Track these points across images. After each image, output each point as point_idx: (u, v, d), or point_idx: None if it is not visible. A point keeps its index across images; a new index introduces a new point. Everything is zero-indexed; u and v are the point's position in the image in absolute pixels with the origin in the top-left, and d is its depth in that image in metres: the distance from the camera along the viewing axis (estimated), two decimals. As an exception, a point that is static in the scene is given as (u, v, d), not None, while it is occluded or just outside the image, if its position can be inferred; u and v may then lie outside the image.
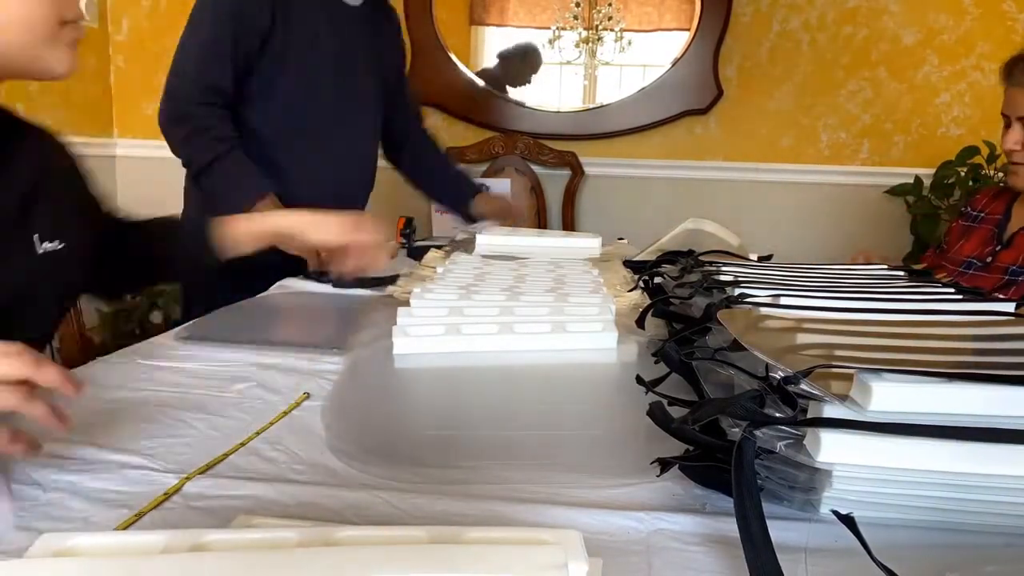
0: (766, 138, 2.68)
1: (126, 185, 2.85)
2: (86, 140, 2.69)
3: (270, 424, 0.67)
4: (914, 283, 0.94)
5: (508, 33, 2.86)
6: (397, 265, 1.53)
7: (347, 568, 0.35)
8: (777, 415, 0.50)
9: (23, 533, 0.48)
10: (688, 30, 2.69)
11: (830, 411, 0.49)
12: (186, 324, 1.02)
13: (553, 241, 1.58)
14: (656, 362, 0.78)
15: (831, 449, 0.48)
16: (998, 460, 0.47)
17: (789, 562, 0.44)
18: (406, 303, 1.00)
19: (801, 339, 0.61)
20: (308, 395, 0.75)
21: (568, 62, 2.81)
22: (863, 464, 0.48)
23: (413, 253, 1.65)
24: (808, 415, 0.51)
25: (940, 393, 0.48)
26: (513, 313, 0.97)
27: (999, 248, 1.39)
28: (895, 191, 2.52)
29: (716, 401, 0.58)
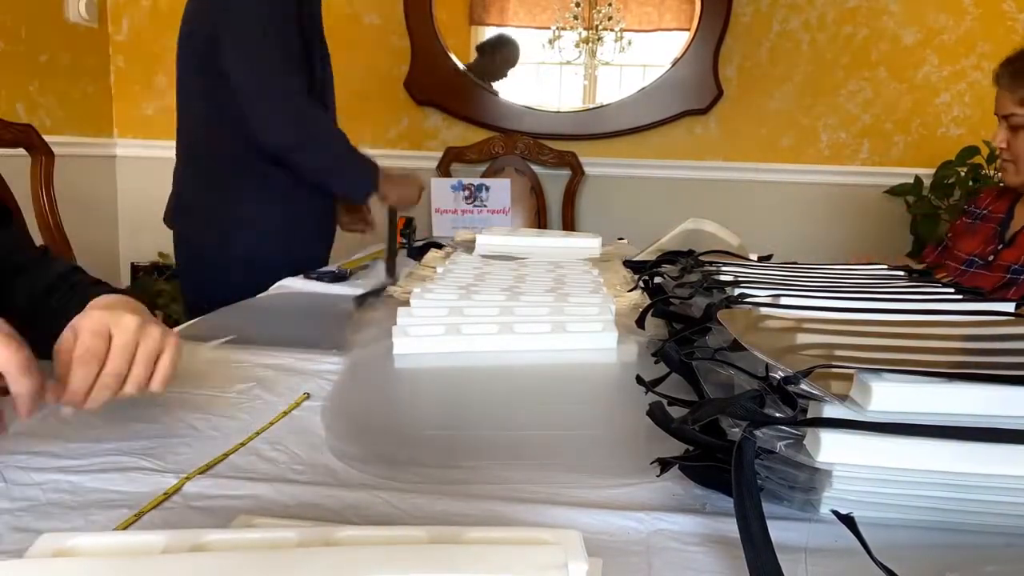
0: (766, 138, 2.68)
1: (126, 185, 2.85)
2: (86, 140, 2.69)
3: (270, 424, 0.67)
4: (914, 283, 0.94)
5: (508, 33, 2.86)
6: (397, 266, 1.53)
7: (347, 568, 0.35)
8: (777, 415, 0.50)
9: (23, 533, 0.48)
10: (688, 30, 2.69)
11: (830, 411, 0.49)
12: (186, 324, 1.02)
13: (553, 241, 1.58)
14: (656, 362, 0.78)
15: (831, 449, 0.48)
16: (998, 460, 0.47)
17: (789, 562, 0.44)
18: (406, 303, 1.00)
19: (801, 339, 0.61)
20: (308, 395, 0.75)
21: (568, 62, 2.81)
22: (863, 464, 0.48)
23: (413, 253, 1.65)
24: (808, 415, 0.51)
25: (940, 393, 0.48)
26: (513, 313, 0.97)
27: (1001, 247, 1.40)
28: (895, 191, 2.52)
29: (716, 401, 0.58)
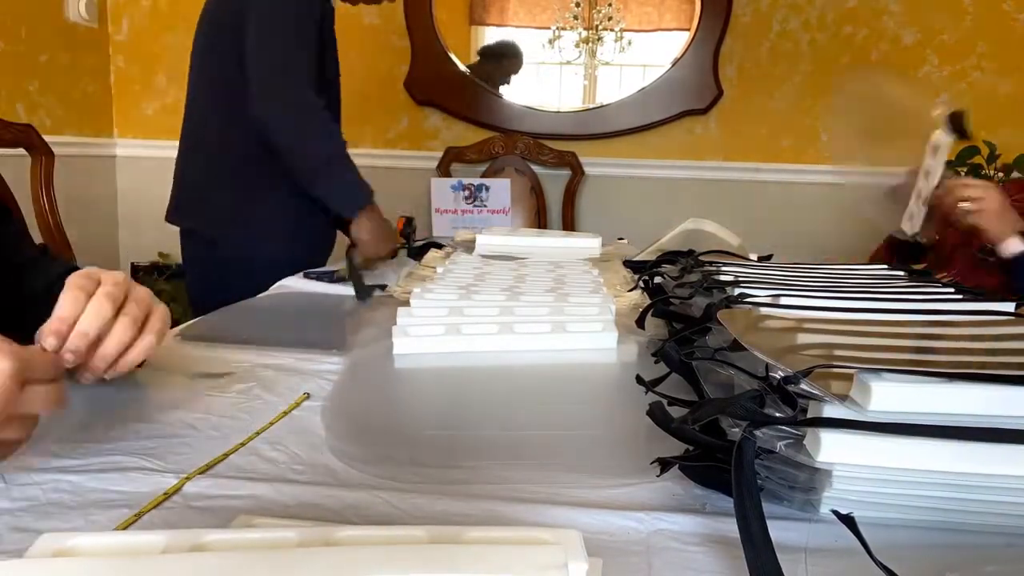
0: (766, 138, 2.68)
1: (126, 185, 2.85)
2: (86, 140, 2.69)
3: (270, 424, 0.67)
4: (914, 283, 0.94)
5: (508, 33, 2.86)
6: (397, 266, 1.53)
7: (347, 568, 0.35)
8: (777, 415, 0.50)
9: (23, 533, 0.48)
10: (688, 30, 2.69)
11: (830, 411, 0.49)
12: (186, 324, 1.02)
13: (553, 241, 1.58)
14: (656, 362, 0.78)
15: (831, 449, 0.48)
16: (999, 460, 0.47)
17: (789, 562, 0.44)
18: (406, 303, 1.00)
19: (801, 339, 0.61)
20: (308, 395, 0.75)
21: (568, 62, 2.81)
22: (863, 464, 0.48)
23: (413, 253, 1.65)
24: (808, 415, 0.51)
25: (940, 393, 0.48)
26: (513, 313, 0.97)
27: None
28: (895, 191, 2.52)
29: (716, 401, 0.58)
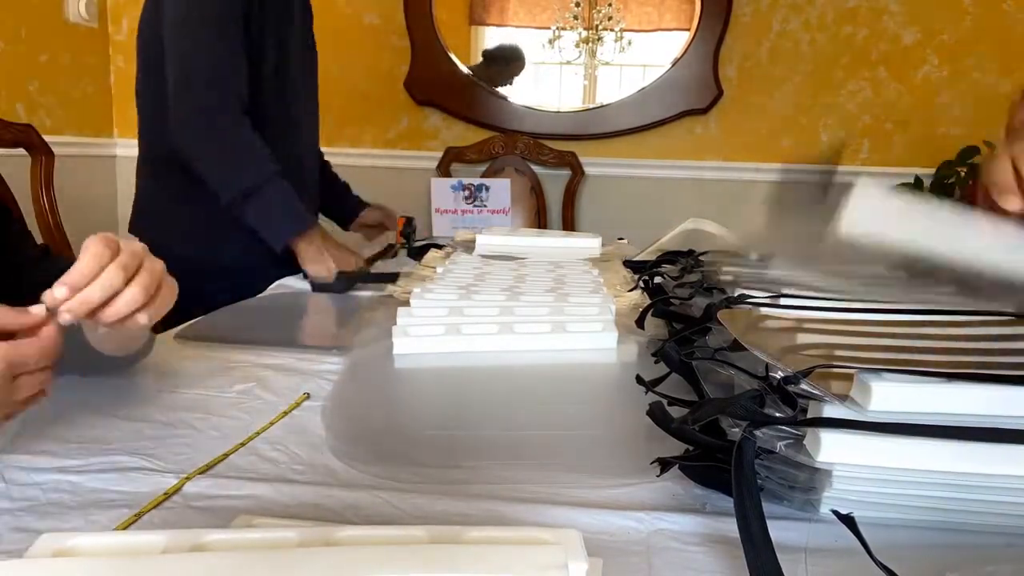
0: (766, 138, 2.68)
1: (126, 185, 2.85)
2: (86, 140, 2.69)
3: (270, 424, 0.67)
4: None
5: (508, 33, 2.86)
6: (398, 266, 1.53)
7: (347, 568, 0.35)
8: (777, 415, 0.50)
9: (23, 533, 0.48)
10: (688, 30, 2.69)
11: (830, 411, 0.49)
12: (186, 324, 1.02)
13: (553, 241, 1.58)
14: (656, 362, 0.78)
15: (831, 449, 0.48)
16: (999, 460, 0.47)
17: (789, 562, 0.44)
18: (406, 303, 1.00)
19: (801, 339, 0.61)
20: (308, 395, 0.75)
21: (568, 62, 2.81)
22: (863, 464, 0.48)
23: (413, 253, 1.65)
24: (808, 415, 0.51)
25: (940, 393, 0.48)
26: (513, 313, 0.97)
27: None
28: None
29: (716, 401, 0.58)
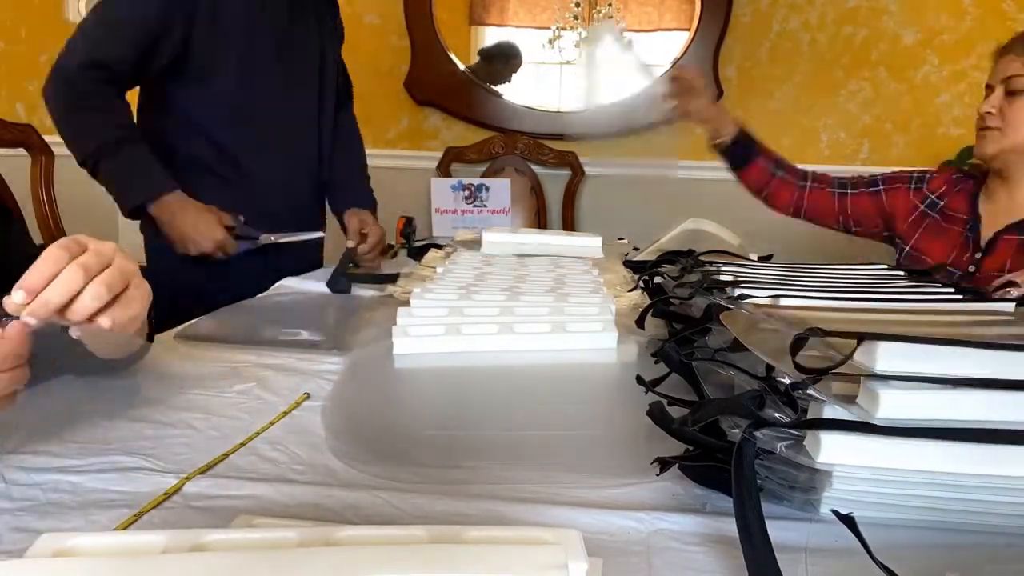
0: (766, 138, 2.65)
1: (126, 185, 2.85)
2: (86, 140, 2.68)
3: (270, 424, 0.67)
4: (914, 283, 0.94)
5: (508, 33, 2.85)
6: (397, 265, 1.53)
7: (347, 568, 0.35)
8: (777, 416, 0.50)
9: (23, 533, 0.48)
10: (688, 30, 2.69)
11: (830, 412, 0.49)
12: (186, 324, 1.02)
13: (557, 239, 1.57)
14: (656, 362, 0.78)
15: (831, 450, 0.48)
16: (998, 461, 0.47)
17: (789, 562, 0.44)
18: (406, 303, 1.00)
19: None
20: (308, 395, 0.75)
21: (568, 62, 2.81)
22: (863, 465, 0.48)
23: (413, 253, 1.65)
24: (808, 415, 0.51)
25: (947, 400, 0.47)
26: (513, 313, 0.97)
27: (980, 255, 1.33)
28: (895, 191, 2.52)
29: (716, 401, 0.58)
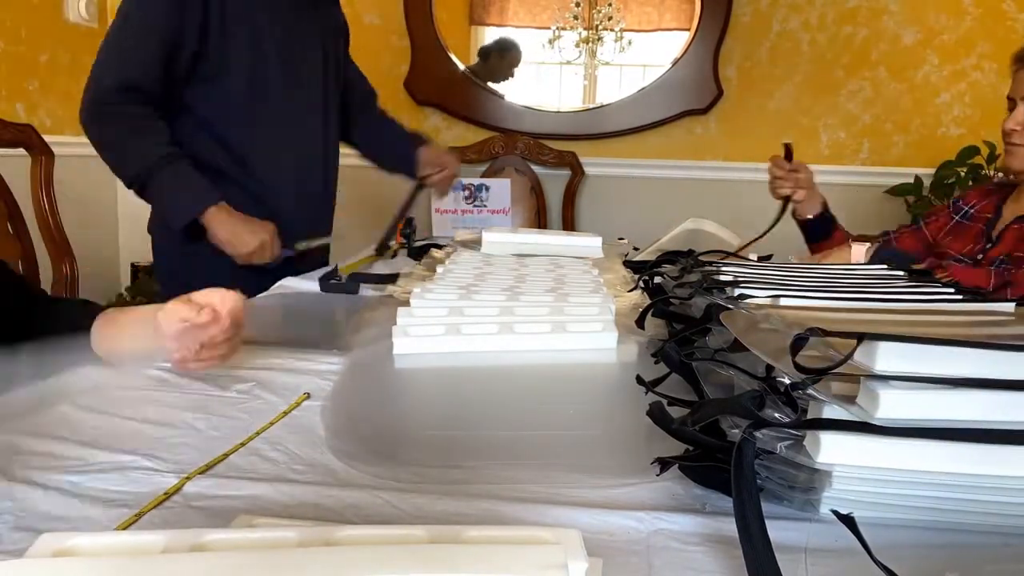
0: (766, 138, 2.67)
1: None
2: (86, 140, 2.68)
3: (270, 424, 0.67)
4: (914, 283, 0.94)
5: (508, 33, 2.86)
6: (397, 265, 1.53)
7: (347, 568, 0.35)
8: (777, 416, 0.50)
9: (23, 533, 0.48)
10: (688, 30, 2.69)
11: (829, 412, 0.49)
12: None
13: (557, 239, 1.57)
14: (656, 362, 0.78)
15: (831, 450, 0.48)
16: (997, 461, 0.47)
17: (789, 562, 0.44)
18: (406, 303, 1.00)
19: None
20: (308, 395, 0.75)
21: (568, 62, 2.81)
22: (863, 465, 0.48)
23: (413, 253, 1.65)
24: (808, 415, 0.51)
25: (946, 400, 0.47)
26: (513, 313, 0.97)
27: (989, 245, 1.38)
28: (895, 191, 2.52)
29: (716, 401, 0.58)
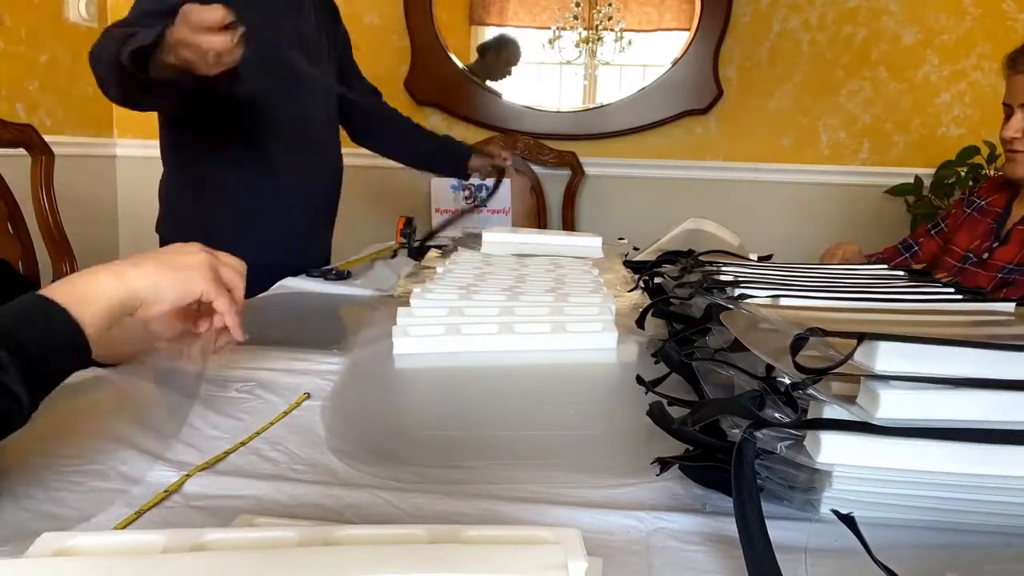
0: (766, 138, 2.68)
1: (126, 185, 2.85)
2: (86, 140, 2.69)
3: (270, 424, 0.67)
4: (914, 283, 0.94)
5: (508, 33, 2.85)
6: (397, 265, 1.53)
7: (347, 568, 0.35)
8: (777, 416, 0.50)
9: (23, 532, 0.47)
10: (688, 30, 2.69)
11: (829, 412, 0.49)
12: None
13: (557, 239, 1.57)
14: (656, 362, 0.78)
15: (831, 450, 0.48)
16: (997, 461, 0.47)
17: (789, 562, 0.44)
18: (406, 303, 1.00)
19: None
20: (308, 395, 0.75)
21: (568, 62, 2.81)
22: (863, 465, 0.48)
23: (413, 253, 1.65)
24: (808, 415, 0.51)
25: (946, 400, 0.47)
26: (513, 313, 0.97)
27: (996, 244, 1.38)
28: (895, 191, 2.52)
29: (716, 401, 0.58)
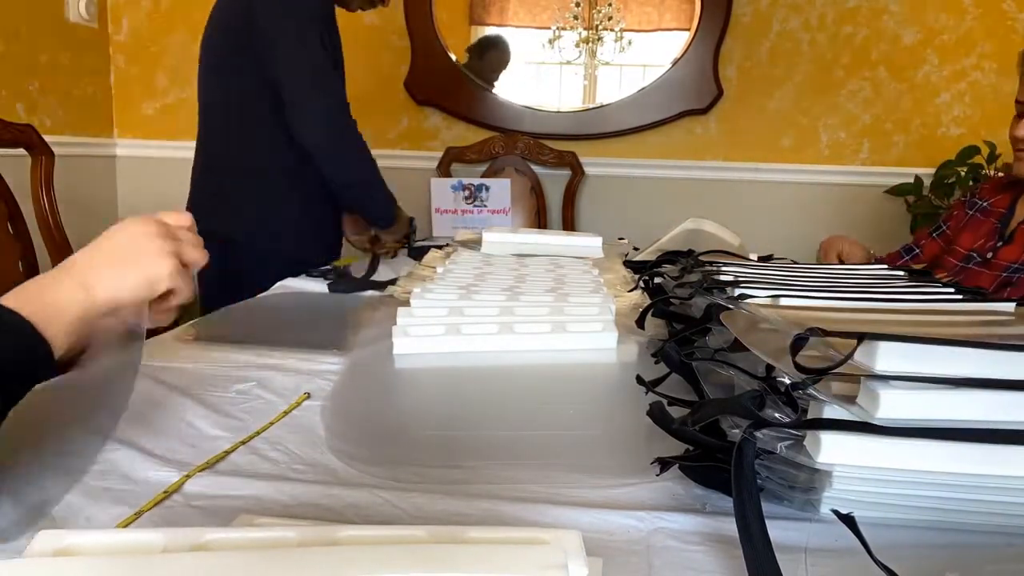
0: (766, 138, 2.68)
1: (126, 185, 2.85)
2: (86, 140, 2.69)
3: (270, 424, 0.67)
4: (914, 283, 0.94)
5: (508, 33, 2.86)
6: (397, 266, 1.53)
7: (347, 568, 0.35)
8: (777, 416, 0.50)
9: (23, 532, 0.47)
10: (688, 30, 2.69)
11: (830, 412, 0.49)
12: (187, 324, 1.02)
13: (558, 239, 1.58)
14: (656, 362, 0.78)
15: (831, 450, 0.48)
16: (998, 461, 0.47)
17: (789, 562, 0.44)
18: (406, 303, 1.00)
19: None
20: (308, 395, 0.75)
21: (568, 62, 2.81)
22: (863, 465, 0.48)
23: (413, 253, 1.65)
24: (808, 415, 0.51)
25: (947, 400, 0.47)
26: (513, 313, 0.97)
27: (1000, 244, 1.38)
28: (895, 191, 2.52)
29: (716, 401, 0.58)
